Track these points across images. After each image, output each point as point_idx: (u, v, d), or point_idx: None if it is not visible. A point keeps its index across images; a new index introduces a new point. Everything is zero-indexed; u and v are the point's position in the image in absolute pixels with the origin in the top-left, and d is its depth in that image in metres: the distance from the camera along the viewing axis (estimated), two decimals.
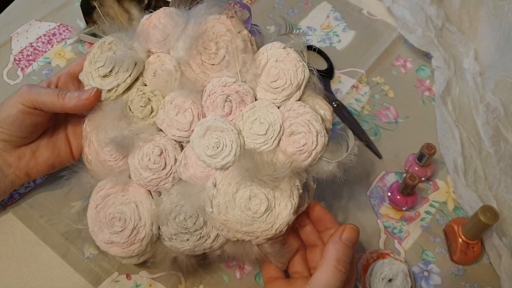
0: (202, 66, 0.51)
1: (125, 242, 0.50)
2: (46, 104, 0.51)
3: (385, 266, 0.53)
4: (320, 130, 0.48)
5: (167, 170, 0.50)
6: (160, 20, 0.53)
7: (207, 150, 0.48)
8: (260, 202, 0.47)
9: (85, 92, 0.52)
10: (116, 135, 0.50)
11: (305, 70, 0.50)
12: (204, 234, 0.49)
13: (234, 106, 0.50)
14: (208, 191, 0.48)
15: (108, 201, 0.51)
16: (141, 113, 0.52)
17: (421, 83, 0.71)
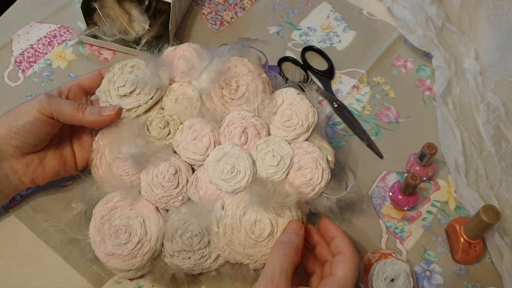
0: (223, 99, 0.56)
1: (127, 255, 0.51)
2: (65, 115, 0.52)
3: (387, 266, 0.53)
4: (325, 168, 0.53)
5: (179, 189, 0.53)
6: (185, 53, 0.58)
7: (222, 174, 0.52)
8: (265, 227, 0.50)
9: (106, 108, 0.54)
10: (135, 151, 0.53)
11: (315, 116, 0.56)
12: (206, 253, 0.52)
13: (250, 138, 0.54)
14: (216, 212, 0.51)
15: (115, 213, 0.53)
16: (159, 134, 0.55)
17: (422, 83, 0.71)
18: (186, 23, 0.76)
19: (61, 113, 0.52)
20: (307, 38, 0.76)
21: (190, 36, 0.75)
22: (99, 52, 0.73)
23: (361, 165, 0.64)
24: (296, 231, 0.50)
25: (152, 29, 0.71)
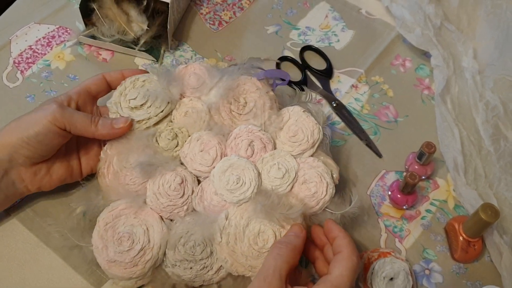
0: (230, 114, 0.58)
1: (129, 262, 0.51)
2: (79, 128, 0.53)
3: (387, 265, 0.53)
4: (330, 183, 0.54)
5: (184, 199, 0.54)
6: (196, 70, 0.60)
7: (227, 185, 0.53)
8: (268, 238, 0.51)
9: (118, 121, 0.55)
10: (143, 160, 0.54)
11: (320, 133, 0.57)
12: (208, 264, 0.52)
13: (256, 151, 0.56)
14: (220, 222, 0.52)
15: (119, 221, 0.53)
16: (167, 145, 0.56)
17: (421, 82, 0.72)
18: (185, 23, 0.76)
19: (74, 125, 0.53)
20: (305, 37, 0.76)
21: (189, 36, 0.75)
22: (98, 52, 0.73)
23: (360, 164, 0.64)
24: (297, 233, 0.50)
25: (151, 29, 0.71)
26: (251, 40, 0.75)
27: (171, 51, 0.73)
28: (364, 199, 0.61)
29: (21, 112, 0.54)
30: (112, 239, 0.52)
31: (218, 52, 0.74)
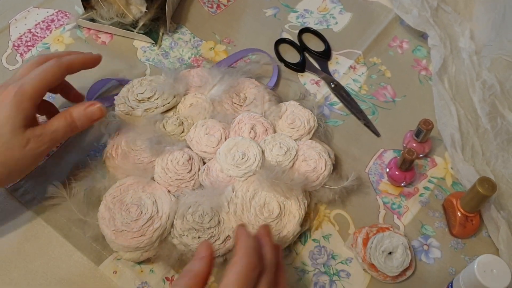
0: (233, 106, 0.63)
1: (136, 231, 0.52)
2: (60, 139, 0.52)
3: (385, 239, 0.54)
4: (327, 160, 0.58)
5: (191, 174, 0.56)
6: (198, 73, 0.65)
7: (233, 160, 0.56)
8: (273, 209, 0.54)
9: (93, 110, 0.53)
10: (152, 136, 0.57)
11: (315, 121, 0.61)
12: (215, 233, 0.53)
13: (258, 134, 0.59)
14: (227, 194, 0.54)
15: (127, 194, 0.55)
16: (174, 131, 0.59)
17: (418, 63, 0.72)
18: (183, 6, 0.77)
19: (55, 140, 0.51)
20: (303, 20, 0.76)
21: (187, 19, 0.75)
22: (97, 35, 0.73)
23: (358, 143, 0.64)
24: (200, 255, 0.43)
25: (149, 11, 0.71)
26: (249, 22, 0.76)
27: (169, 34, 0.73)
28: (363, 177, 0.62)
29: None
30: (120, 210, 0.53)
31: (217, 34, 0.74)
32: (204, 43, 0.73)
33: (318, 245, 0.57)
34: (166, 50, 0.72)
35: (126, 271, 0.54)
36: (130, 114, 0.61)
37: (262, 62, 0.69)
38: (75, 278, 0.54)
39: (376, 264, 0.53)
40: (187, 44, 0.73)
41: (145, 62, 0.71)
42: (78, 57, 0.55)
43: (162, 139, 0.58)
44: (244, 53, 0.72)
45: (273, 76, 0.69)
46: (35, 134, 0.49)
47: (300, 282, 0.54)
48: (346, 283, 0.54)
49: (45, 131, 0.50)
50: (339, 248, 0.56)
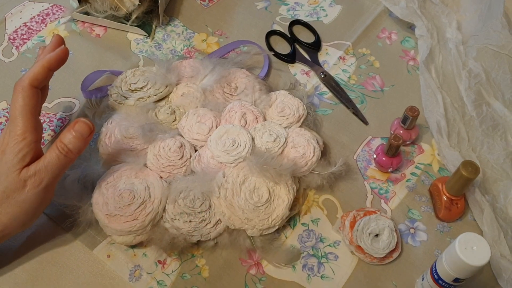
0: (224, 95, 0.64)
1: (129, 216, 0.53)
2: (59, 172, 0.51)
3: (372, 222, 0.55)
4: (316, 146, 0.59)
5: (183, 161, 0.57)
6: (190, 64, 0.66)
7: (223, 147, 0.57)
8: (262, 194, 0.55)
9: (83, 130, 0.51)
10: (145, 124, 0.58)
11: (304, 109, 0.63)
12: (206, 217, 0.54)
13: (248, 122, 0.61)
14: (218, 179, 0.55)
15: (120, 180, 0.56)
16: (166, 119, 0.61)
17: (406, 54, 0.73)
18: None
19: (53, 176, 0.50)
20: (294, 12, 0.78)
21: (180, 12, 0.77)
22: (91, 28, 0.74)
23: (347, 131, 0.66)
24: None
25: (142, 4, 0.72)
26: (241, 15, 0.77)
27: (162, 26, 0.75)
28: (351, 164, 0.63)
29: None
30: (113, 195, 0.54)
31: (209, 27, 0.75)
32: (197, 35, 0.75)
33: (307, 228, 0.58)
34: (159, 42, 0.73)
35: (120, 255, 0.55)
36: (123, 103, 0.62)
37: (252, 52, 0.71)
38: (70, 262, 0.55)
39: (362, 246, 0.54)
40: (179, 36, 0.74)
41: (139, 54, 0.72)
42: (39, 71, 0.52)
43: (155, 127, 0.59)
44: (236, 45, 0.73)
45: (264, 67, 0.70)
46: (29, 175, 0.48)
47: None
48: (334, 265, 0.56)
49: (39, 167, 0.49)
50: (327, 231, 0.58)
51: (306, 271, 0.55)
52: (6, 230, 0.50)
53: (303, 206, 0.59)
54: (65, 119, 0.65)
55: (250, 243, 0.55)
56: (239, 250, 0.56)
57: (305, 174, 0.59)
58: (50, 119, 0.65)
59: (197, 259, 0.56)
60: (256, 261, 0.56)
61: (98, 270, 0.55)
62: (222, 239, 0.55)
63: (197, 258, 0.56)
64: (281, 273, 0.55)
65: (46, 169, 0.49)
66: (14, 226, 0.50)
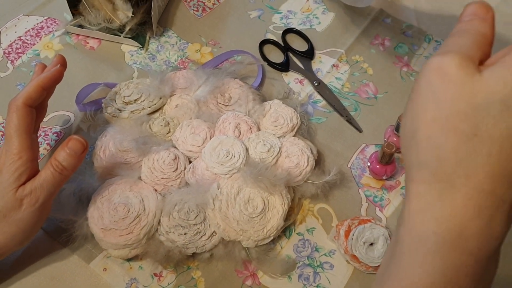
0: (218, 106, 0.64)
1: (124, 229, 0.53)
2: (54, 189, 0.51)
3: (366, 231, 0.56)
4: (310, 156, 0.60)
5: (177, 173, 0.58)
6: (184, 75, 0.66)
7: (218, 158, 0.57)
8: (257, 204, 0.55)
9: (76, 147, 0.51)
10: (139, 138, 0.58)
11: (298, 119, 0.63)
12: (201, 229, 0.54)
13: (243, 132, 0.61)
14: (212, 191, 0.56)
15: (115, 193, 0.56)
16: (160, 131, 0.61)
17: (399, 60, 0.74)
18: (169, 10, 0.78)
19: (49, 194, 0.51)
20: (287, 21, 0.78)
21: (173, 22, 0.77)
22: (85, 41, 0.75)
23: (341, 139, 0.66)
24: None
25: (136, 16, 0.73)
26: (234, 24, 0.78)
27: (156, 37, 0.75)
28: (345, 172, 0.63)
29: None
30: (108, 209, 0.54)
31: (202, 37, 0.76)
32: (190, 46, 0.75)
33: (302, 238, 0.58)
34: (153, 54, 0.74)
35: (116, 268, 0.56)
36: (118, 116, 0.63)
37: (246, 62, 0.71)
38: (66, 276, 0.55)
39: (358, 255, 0.55)
40: (173, 47, 0.75)
41: (133, 65, 0.72)
42: (33, 90, 0.52)
43: (149, 140, 0.59)
44: (229, 55, 0.73)
45: (258, 76, 0.71)
46: (25, 194, 0.49)
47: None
48: (330, 274, 0.56)
49: (34, 185, 0.49)
50: (322, 240, 0.58)
51: (302, 281, 0.55)
52: (4, 249, 0.50)
53: (298, 216, 0.60)
54: (61, 132, 0.66)
55: (246, 254, 0.55)
56: (235, 262, 0.56)
57: (300, 184, 0.59)
58: (45, 133, 0.65)
59: (192, 271, 0.56)
60: (251, 272, 0.56)
61: (95, 284, 0.55)
62: (218, 250, 0.55)
63: (193, 270, 0.56)
64: (277, 283, 0.55)
65: (42, 187, 0.49)
66: (12, 244, 0.50)
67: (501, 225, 0.29)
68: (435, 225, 0.30)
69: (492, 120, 0.28)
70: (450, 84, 0.30)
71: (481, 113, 0.29)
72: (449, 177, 0.29)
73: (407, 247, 0.31)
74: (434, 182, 0.30)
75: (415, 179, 0.31)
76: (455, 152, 0.29)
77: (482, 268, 0.30)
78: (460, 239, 0.29)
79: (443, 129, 0.29)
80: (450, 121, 0.29)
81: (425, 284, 0.30)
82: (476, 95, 0.29)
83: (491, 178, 0.29)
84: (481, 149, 0.29)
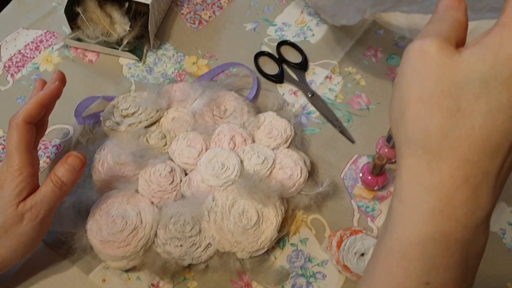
0: (213, 118, 0.66)
1: (122, 241, 0.55)
2: (53, 205, 0.53)
3: (357, 241, 0.57)
4: (303, 167, 0.61)
5: (173, 186, 0.59)
6: (180, 88, 0.68)
7: (213, 170, 0.59)
8: (252, 216, 0.56)
9: (75, 163, 0.53)
10: (136, 151, 0.60)
11: (292, 130, 0.65)
12: (196, 241, 0.56)
13: (237, 144, 0.62)
14: (207, 203, 0.57)
15: (113, 206, 0.57)
16: (157, 144, 0.63)
17: (392, 71, 0.75)
18: (166, 23, 0.80)
19: (49, 209, 0.52)
20: (282, 33, 0.80)
21: (170, 35, 0.79)
22: (84, 54, 0.76)
23: (334, 150, 0.68)
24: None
25: (133, 30, 0.74)
26: (230, 37, 0.79)
27: (153, 50, 0.77)
28: (338, 182, 0.65)
29: (12, 113, 0.54)
30: (106, 222, 0.56)
31: (199, 49, 0.77)
32: (187, 58, 0.76)
33: (296, 249, 0.60)
34: (150, 66, 0.75)
35: (115, 279, 0.57)
36: (115, 129, 0.64)
37: (241, 74, 0.73)
38: (67, 287, 0.57)
39: (349, 266, 0.56)
40: (170, 60, 0.76)
41: (130, 78, 0.74)
42: (33, 107, 0.54)
43: (145, 153, 0.61)
44: (225, 67, 0.75)
45: (253, 88, 0.72)
46: (26, 209, 0.50)
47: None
48: (322, 284, 0.57)
49: (35, 200, 0.51)
50: (315, 251, 0.60)
51: None
52: (5, 263, 0.52)
53: (291, 227, 0.61)
54: (60, 145, 0.67)
55: (240, 265, 0.57)
56: (230, 272, 0.57)
57: (293, 195, 0.61)
58: (45, 146, 0.67)
59: (189, 282, 0.57)
60: (246, 283, 0.57)
61: None
62: (213, 262, 0.57)
63: (189, 280, 0.57)
64: None
65: (42, 202, 0.51)
66: (13, 258, 0.52)
67: (487, 196, 0.32)
68: (425, 193, 0.32)
69: (472, 96, 0.31)
70: (432, 65, 0.32)
71: (462, 90, 0.31)
72: (436, 150, 0.32)
73: (399, 216, 0.34)
74: (423, 155, 0.32)
75: (405, 155, 0.33)
76: (440, 127, 0.31)
77: (471, 235, 0.32)
78: (448, 207, 0.32)
79: (428, 107, 0.32)
80: (434, 99, 0.32)
81: (416, 247, 0.33)
82: (457, 73, 0.31)
83: (475, 149, 0.31)
84: (464, 123, 0.31)
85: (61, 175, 0.52)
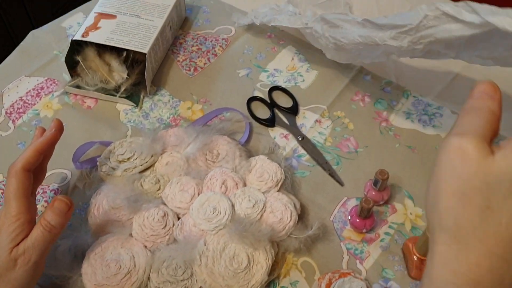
0: (206, 162, 0.68)
1: (116, 285, 0.57)
2: (46, 248, 0.54)
3: (346, 284, 0.58)
4: (293, 211, 0.63)
5: (166, 230, 0.61)
6: (175, 132, 0.71)
7: (204, 215, 0.61)
8: (242, 260, 0.58)
9: (61, 207, 0.55)
10: (130, 196, 0.62)
11: (282, 174, 0.67)
12: (188, 285, 0.58)
13: (229, 188, 0.64)
14: (199, 247, 0.59)
15: (107, 250, 0.59)
16: (150, 189, 0.65)
17: (379, 115, 0.78)
18: (163, 71, 0.83)
19: (42, 253, 0.53)
20: (273, 78, 0.83)
21: (166, 82, 0.82)
22: (83, 100, 0.79)
23: (323, 192, 0.69)
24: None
25: (130, 77, 0.78)
26: (224, 83, 0.82)
27: (150, 96, 0.80)
28: (328, 225, 0.66)
29: (12, 158, 0.57)
30: (101, 266, 0.57)
31: (194, 95, 0.80)
32: (182, 103, 0.79)
33: None
34: (146, 112, 0.78)
35: None
36: (111, 174, 0.67)
37: (234, 119, 0.76)
38: None
39: None
40: (166, 105, 0.79)
41: (127, 123, 0.77)
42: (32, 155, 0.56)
43: (140, 197, 0.63)
44: (219, 112, 0.78)
45: (245, 132, 0.75)
46: (19, 253, 0.52)
47: None
48: None
49: (27, 245, 0.52)
50: None
51: None
52: None
53: (282, 270, 0.62)
54: (58, 190, 0.69)
55: None
56: None
57: (283, 239, 0.62)
58: (43, 191, 0.69)
59: None
60: None
61: None
62: None
63: None
64: None
65: (34, 246, 0.53)
66: None
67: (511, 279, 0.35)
68: (453, 276, 0.36)
69: (502, 196, 0.35)
70: (468, 163, 0.36)
71: (493, 190, 0.35)
72: (465, 241, 0.36)
73: None
74: (453, 243, 0.36)
75: (438, 241, 0.38)
76: (470, 220, 0.35)
77: None
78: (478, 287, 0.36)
79: (460, 201, 0.36)
80: (467, 195, 0.36)
81: None
82: (489, 174, 0.35)
83: (501, 243, 0.35)
84: (493, 219, 0.35)
85: (50, 219, 0.54)
